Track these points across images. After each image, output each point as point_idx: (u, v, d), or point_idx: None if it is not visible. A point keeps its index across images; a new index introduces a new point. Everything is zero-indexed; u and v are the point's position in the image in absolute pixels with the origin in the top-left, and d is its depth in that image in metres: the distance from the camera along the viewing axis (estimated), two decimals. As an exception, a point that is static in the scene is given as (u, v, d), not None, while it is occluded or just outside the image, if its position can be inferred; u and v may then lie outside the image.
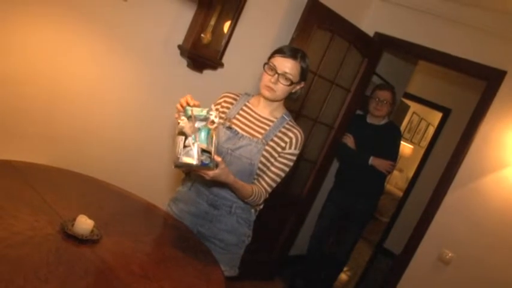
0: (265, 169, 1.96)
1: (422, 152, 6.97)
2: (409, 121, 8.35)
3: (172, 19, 2.57)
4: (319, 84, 3.47)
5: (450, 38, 3.44)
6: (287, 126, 1.99)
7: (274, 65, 1.90)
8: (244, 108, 2.04)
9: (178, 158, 1.62)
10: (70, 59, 2.27)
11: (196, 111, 1.64)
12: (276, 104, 2.01)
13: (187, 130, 1.62)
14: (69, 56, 2.27)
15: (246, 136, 1.95)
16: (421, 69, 5.86)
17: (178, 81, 2.73)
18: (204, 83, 2.84)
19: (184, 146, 1.62)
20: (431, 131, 8.65)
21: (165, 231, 2.03)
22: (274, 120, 2.00)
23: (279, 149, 1.96)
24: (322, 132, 3.72)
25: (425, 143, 8.48)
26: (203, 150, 1.61)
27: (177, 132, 1.65)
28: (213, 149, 1.63)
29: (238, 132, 1.96)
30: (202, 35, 2.63)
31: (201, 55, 2.65)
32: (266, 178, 1.97)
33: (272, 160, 1.96)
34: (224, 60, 2.80)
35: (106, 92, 2.47)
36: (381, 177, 3.72)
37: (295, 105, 3.34)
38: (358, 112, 4.02)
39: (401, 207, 6.57)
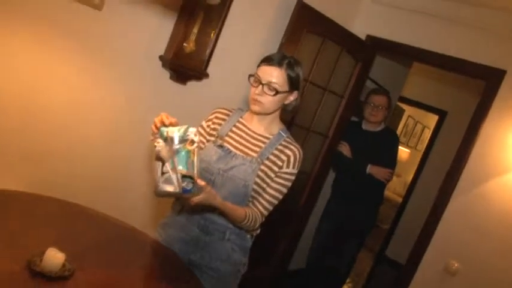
0: (260, 190, 1.81)
1: (419, 155, 6.87)
2: (405, 125, 8.25)
3: (153, 28, 2.42)
4: (311, 91, 3.33)
5: (446, 38, 3.31)
6: (284, 143, 1.84)
7: (259, 76, 1.76)
8: (238, 124, 1.89)
9: (157, 186, 1.48)
10: (45, 73, 2.12)
11: (172, 131, 1.48)
12: (270, 118, 1.86)
13: (163, 155, 1.47)
14: (45, 71, 2.11)
15: (239, 155, 1.80)
16: (415, 72, 5.75)
17: (161, 94, 2.57)
18: (188, 95, 2.68)
19: (163, 173, 1.48)
20: (427, 133, 8.59)
21: (152, 261, 1.86)
22: (270, 137, 1.85)
23: (276, 169, 1.81)
24: (316, 142, 3.58)
25: (421, 146, 8.43)
26: (184, 176, 1.46)
27: (154, 157, 1.50)
28: (195, 173, 1.48)
29: (230, 151, 1.81)
30: (184, 44, 2.48)
31: (184, 65, 2.50)
32: (262, 200, 1.81)
33: (268, 181, 1.81)
34: (209, 70, 2.64)
35: (84, 108, 2.31)
36: (380, 185, 3.58)
37: (286, 115, 3.18)
38: (353, 119, 3.88)
39: (401, 213, 6.44)
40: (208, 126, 1.91)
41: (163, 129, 1.49)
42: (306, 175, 3.60)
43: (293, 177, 1.84)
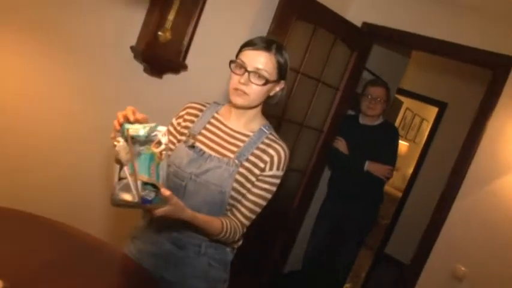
0: (239, 197, 1.56)
1: (417, 148, 6.70)
2: (403, 117, 8.03)
3: (122, 15, 2.16)
4: (303, 83, 3.08)
5: (448, 24, 3.05)
6: (267, 141, 1.58)
7: (243, 61, 1.50)
8: (212, 120, 1.63)
9: (113, 194, 1.24)
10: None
11: (135, 129, 1.23)
12: (251, 113, 1.60)
13: (122, 156, 1.23)
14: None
15: (214, 156, 1.55)
16: (413, 62, 5.51)
17: (134, 89, 2.31)
18: (165, 90, 2.42)
19: (120, 178, 1.24)
20: (425, 126, 8.38)
21: (119, 280, 1.59)
22: (250, 134, 1.59)
23: (257, 171, 1.55)
24: (310, 138, 3.33)
25: (420, 139, 8.26)
26: (145, 183, 1.23)
27: (114, 158, 1.26)
28: (160, 180, 1.25)
29: (204, 152, 1.56)
30: (159, 32, 2.22)
31: (159, 56, 2.24)
32: (241, 208, 1.56)
33: (248, 185, 1.55)
34: (188, 61, 2.39)
35: (42, 108, 2.05)
36: (379, 183, 3.36)
37: (276, 109, 2.94)
38: (350, 112, 3.65)
39: (401, 208, 6.24)
40: (178, 124, 1.66)
41: (126, 126, 1.24)
42: (300, 173, 3.36)
43: (278, 181, 1.59)
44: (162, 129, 1.26)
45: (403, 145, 8.24)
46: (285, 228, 3.42)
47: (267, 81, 1.49)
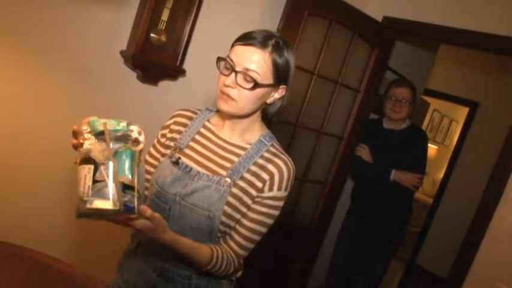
0: (233, 224, 1.29)
1: (447, 151, 6.41)
2: (430, 119, 7.70)
3: (109, 16, 1.92)
4: (319, 85, 2.81)
5: (481, 13, 2.73)
6: (266, 155, 1.31)
7: (231, 60, 1.24)
8: (203, 131, 1.38)
9: (84, 202, 1.00)
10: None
11: (112, 124, 1.04)
12: (247, 121, 1.34)
13: (96, 154, 1.01)
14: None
15: (203, 174, 1.29)
16: (439, 59, 5.19)
17: (127, 99, 2.07)
18: (161, 99, 2.18)
19: (95, 181, 1.00)
20: (454, 127, 8.08)
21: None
22: (247, 147, 1.33)
23: (253, 192, 1.29)
24: (330, 146, 3.05)
25: (449, 142, 8.00)
26: (126, 187, 1.01)
27: (78, 160, 1.03)
28: (136, 184, 1.04)
29: (190, 169, 1.30)
30: (152, 34, 1.99)
31: (152, 61, 2.00)
32: (236, 236, 1.30)
33: (243, 209, 1.29)
34: (186, 65, 2.14)
35: (21, 124, 1.83)
36: (408, 194, 3.07)
37: (291, 115, 2.68)
38: (372, 116, 3.36)
39: (433, 215, 5.90)
40: (163, 135, 1.41)
41: (97, 121, 1.04)
42: (320, 185, 3.08)
43: (280, 203, 1.32)
44: (135, 128, 1.07)
45: (431, 148, 7.94)
46: (306, 245, 3.14)
47: (256, 85, 1.22)
